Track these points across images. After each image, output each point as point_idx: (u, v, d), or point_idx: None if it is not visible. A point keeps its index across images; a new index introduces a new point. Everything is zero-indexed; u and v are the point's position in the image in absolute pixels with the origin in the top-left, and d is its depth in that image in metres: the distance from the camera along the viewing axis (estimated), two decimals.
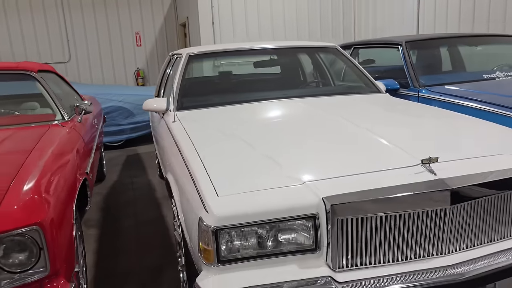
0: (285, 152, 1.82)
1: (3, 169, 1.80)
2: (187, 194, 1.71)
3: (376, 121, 2.23)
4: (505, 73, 3.68)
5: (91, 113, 3.31)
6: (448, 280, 1.46)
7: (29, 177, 1.70)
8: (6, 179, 1.67)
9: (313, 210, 1.46)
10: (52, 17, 8.53)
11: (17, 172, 1.74)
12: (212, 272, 1.47)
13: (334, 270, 1.47)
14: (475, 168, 1.60)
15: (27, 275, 1.44)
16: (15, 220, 1.40)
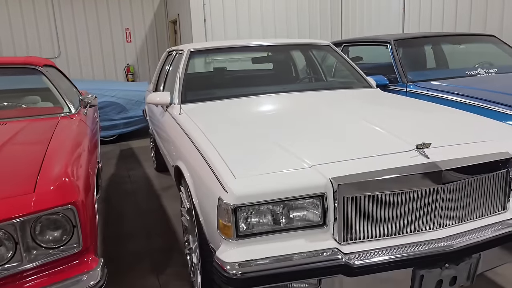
0: (291, 139, 1.99)
1: (29, 156, 1.92)
2: (203, 179, 1.86)
3: (371, 112, 2.42)
4: (485, 70, 3.93)
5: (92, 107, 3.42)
6: (439, 250, 1.65)
7: (56, 164, 1.83)
8: (34, 165, 1.80)
9: (322, 189, 1.63)
10: (42, 12, 8.51)
11: (42, 159, 1.87)
12: (231, 246, 1.63)
13: (340, 243, 1.65)
14: (463, 153, 1.79)
15: (61, 250, 1.58)
16: (52, 200, 1.54)
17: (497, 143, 1.93)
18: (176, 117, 2.73)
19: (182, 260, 2.82)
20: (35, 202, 1.50)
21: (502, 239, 1.76)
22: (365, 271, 1.59)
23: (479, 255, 1.73)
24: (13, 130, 2.37)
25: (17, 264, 1.48)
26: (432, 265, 1.67)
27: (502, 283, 2.39)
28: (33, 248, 1.52)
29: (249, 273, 1.54)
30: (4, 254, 1.46)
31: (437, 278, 1.69)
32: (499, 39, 4.41)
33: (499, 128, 2.17)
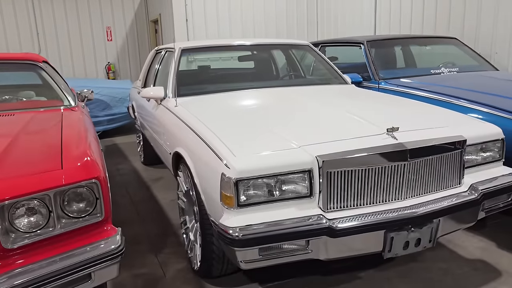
0: (280, 126, 2.29)
1: (47, 140, 2.15)
2: (205, 159, 2.14)
3: (348, 104, 2.75)
4: (448, 69, 4.34)
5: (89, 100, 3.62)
6: (405, 216, 1.99)
7: (75, 146, 2.06)
8: (55, 147, 2.03)
9: (308, 166, 1.93)
10: (22, 9, 8.53)
11: (60, 142, 2.10)
12: (232, 214, 1.91)
13: (324, 211, 1.96)
14: (425, 136, 2.14)
15: (85, 220, 1.82)
16: (79, 175, 1.77)
17: (453, 129, 2.29)
18: (172, 109, 2.98)
19: (177, 241, 3.08)
20: (66, 176, 1.74)
21: (456, 207, 2.11)
22: (345, 233, 1.90)
23: (438, 220, 2.08)
24: (24, 120, 2.58)
25: (50, 230, 1.72)
26: (400, 229, 2.00)
27: (463, 253, 2.76)
28: (62, 217, 1.76)
29: (248, 235, 1.83)
30: (40, 220, 1.70)
31: (404, 239, 2.02)
32: (460, 42, 4.84)
33: (455, 117, 2.54)
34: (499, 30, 5.21)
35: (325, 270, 2.60)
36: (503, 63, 5.14)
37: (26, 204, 1.67)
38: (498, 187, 2.27)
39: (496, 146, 2.41)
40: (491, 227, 3.09)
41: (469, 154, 2.32)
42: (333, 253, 1.95)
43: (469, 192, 2.20)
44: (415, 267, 2.61)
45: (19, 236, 1.66)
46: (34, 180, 1.68)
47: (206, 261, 2.35)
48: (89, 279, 1.75)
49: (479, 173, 2.35)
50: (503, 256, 2.70)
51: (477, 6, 5.44)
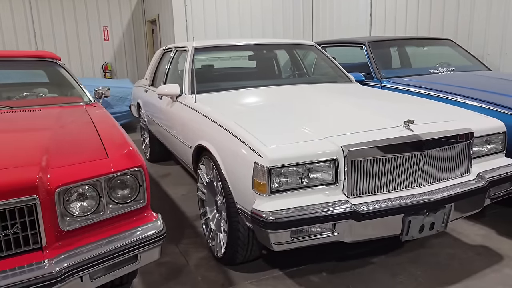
0: (301, 119, 2.45)
1: (84, 133, 2.27)
2: (235, 150, 2.28)
3: (360, 100, 2.92)
4: (445, 69, 4.56)
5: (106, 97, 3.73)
6: (422, 201, 2.16)
7: (113, 137, 2.19)
8: (94, 139, 2.15)
9: (334, 155, 2.09)
10: (19, 8, 8.52)
11: (98, 135, 2.22)
12: (265, 200, 2.06)
13: (349, 197, 2.12)
14: (437, 128, 2.32)
15: (130, 205, 1.94)
16: (125, 163, 1.89)
17: (462, 122, 2.48)
18: (191, 105, 3.11)
19: (194, 232, 3.21)
20: (113, 164, 1.87)
21: (466, 194, 2.30)
22: (368, 216, 2.06)
23: (450, 206, 2.26)
24: (53, 115, 2.68)
25: (101, 214, 1.84)
26: (416, 213, 2.17)
27: (466, 240, 2.95)
28: (109, 203, 1.88)
29: (280, 219, 1.98)
30: (91, 205, 1.82)
31: (420, 223, 2.19)
32: (455, 43, 5.08)
33: (460, 112, 2.74)
34: (490, 32, 5.47)
35: (340, 257, 2.76)
36: (495, 63, 5.40)
37: (78, 190, 1.79)
38: (502, 176, 2.47)
39: (499, 138, 2.61)
40: (490, 217, 3.30)
41: (475, 146, 2.51)
42: (357, 236, 2.11)
43: (476, 180, 2.39)
44: (424, 253, 2.79)
45: (73, 219, 1.78)
46: (87, 168, 1.81)
47: (231, 248, 2.49)
48: (136, 260, 1.88)
49: (484, 163, 2.55)
50: (503, 242, 2.90)
51: (469, 9, 5.69)
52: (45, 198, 1.68)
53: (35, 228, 1.70)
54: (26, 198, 1.65)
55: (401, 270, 2.58)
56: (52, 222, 1.71)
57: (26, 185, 1.65)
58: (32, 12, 8.71)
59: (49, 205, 1.70)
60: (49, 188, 1.69)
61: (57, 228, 1.72)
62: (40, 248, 1.71)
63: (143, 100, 4.90)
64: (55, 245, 1.72)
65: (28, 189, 1.65)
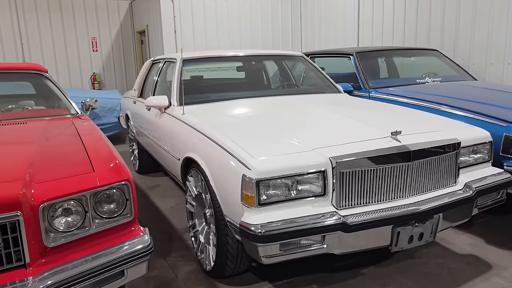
0: (289, 130, 2.45)
1: (69, 146, 2.24)
2: (223, 162, 2.27)
3: (348, 110, 2.93)
4: (432, 79, 4.61)
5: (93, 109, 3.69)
6: (411, 212, 2.17)
7: (99, 151, 2.16)
8: (80, 152, 2.12)
9: (323, 167, 2.09)
10: (5, 20, 8.45)
11: (84, 148, 2.19)
12: (253, 212, 2.04)
13: (338, 208, 2.12)
14: (424, 138, 2.34)
15: (116, 220, 1.91)
16: (112, 177, 1.87)
17: (448, 132, 2.50)
18: (179, 117, 3.10)
19: (184, 245, 3.17)
20: (99, 179, 1.84)
21: (454, 204, 2.31)
22: (357, 228, 2.06)
23: (439, 216, 2.26)
24: (38, 128, 2.65)
25: (86, 229, 1.81)
26: (405, 224, 2.18)
27: (455, 250, 2.96)
28: (95, 218, 1.85)
29: (269, 231, 1.96)
30: (76, 220, 1.79)
31: (409, 234, 2.19)
32: (441, 53, 5.15)
33: (447, 122, 2.76)
34: (475, 43, 5.56)
35: (330, 268, 2.75)
36: (480, 73, 5.48)
37: (63, 205, 1.76)
38: (489, 185, 2.49)
39: (486, 148, 2.64)
40: (478, 225, 3.32)
41: (462, 156, 2.53)
42: (346, 248, 2.10)
43: (464, 190, 2.41)
44: (413, 263, 2.79)
45: (57, 235, 1.74)
46: (72, 182, 1.78)
47: (220, 261, 2.46)
48: (123, 276, 1.85)
49: (471, 173, 2.57)
50: (492, 251, 2.91)
51: (455, 20, 5.79)
52: (29, 214, 1.65)
53: (18, 245, 1.66)
54: (9, 215, 1.61)
55: (391, 281, 2.58)
56: (36, 239, 1.68)
57: (9, 201, 1.61)
58: (19, 23, 8.65)
59: (33, 221, 1.66)
60: (33, 204, 1.66)
61: (41, 244, 1.69)
62: (23, 266, 1.67)
63: (131, 111, 4.87)
64: (39, 262, 1.69)
65: (11, 205, 1.61)
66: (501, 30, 5.25)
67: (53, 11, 8.91)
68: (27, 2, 8.71)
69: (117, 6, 9.44)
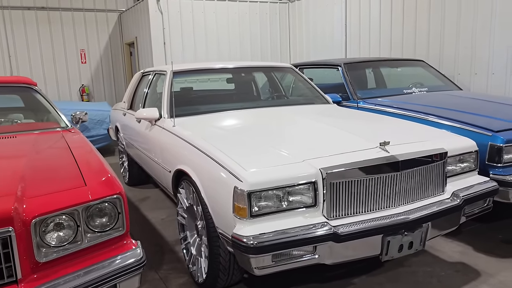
0: (279, 142, 2.48)
1: (60, 160, 2.24)
2: (215, 174, 2.28)
3: (337, 121, 2.98)
4: (419, 89, 4.69)
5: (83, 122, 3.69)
6: (400, 221, 2.20)
7: (91, 164, 2.16)
8: (71, 166, 2.12)
9: (313, 178, 2.12)
10: None
11: (75, 161, 2.20)
12: (245, 224, 2.06)
13: (328, 219, 2.14)
14: (412, 149, 2.38)
15: (108, 234, 1.91)
16: (104, 191, 1.87)
17: (435, 142, 2.55)
18: (170, 129, 3.11)
19: (175, 257, 3.16)
20: (91, 193, 1.84)
21: (442, 213, 2.35)
22: (348, 238, 2.08)
23: (427, 224, 2.30)
24: (28, 142, 2.64)
25: (78, 244, 1.80)
26: (395, 233, 2.21)
27: (444, 257, 3.00)
28: (87, 232, 1.85)
29: (262, 243, 1.98)
30: (68, 235, 1.78)
31: (399, 243, 2.22)
32: (427, 64, 5.25)
33: (434, 132, 2.82)
34: (460, 53, 5.68)
35: (322, 278, 2.76)
36: (465, 83, 5.60)
37: (55, 219, 1.76)
38: (476, 193, 2.54)
39: (472, 157, 2.69)
40: (466, 233, 3.37)
41: (449, 165, 2.58)
42: (338, 258, 2.13)
43: (451, 198, 2.45)
44: (403, 271, 2.82)
45: (49, 250, 1.74)
46: (64, 197, 1.78)
47: (213, 273, 2.46)
48: None
49: (459, 182, 2.62)
50: (480, 258, 2.96)
51: (439, 32, 5.92)
52: (21, 230, 1.64)
53: (10, 260, 1.65)
54: (0, 230, 1.61)
55: None
56: (28, 254, 1.67)
57: (1, 216, 1.61)
58: (7, 36, 8.61)
59: (25, 237, 1.66)
60: (24, 219, 1.66)
61: (33, 259, 1.68)
62: (15, 282, 1.67)
63: (121, 123, 4.87)
64: (31, 278, 1.68)
65: (3, 220, 1.61)
66: (484, 41, 5.38)
67: (41, 23, 8.88)
68: (15, 14, 8.69)
69: (106, 18, 9.46)
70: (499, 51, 5.24)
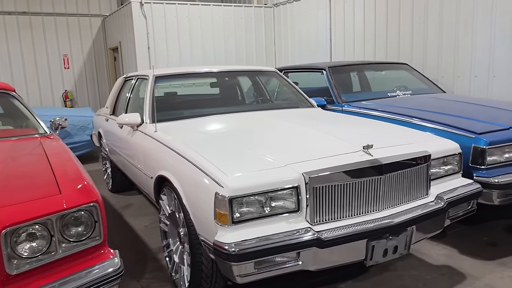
0: (262, 146, 2.44)
1: (36, 167, 2.16)
2: (196, 180, 2.23)
3: (320, 125, 2.95)
4: (403, 92, 4.71)
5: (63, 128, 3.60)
6: (384, 225, 2.17)
7: (67, 172, 2.09)
8: (47, 173, 2.05)
9: (296, 182, 2.08)
10: None
11: (51, 169, 2.12)
12: (227, 230, 2.01)
13: (312, 224, 2.11)
14: (396, 152, 2.36)
15: (85, 243, 1.84)
16: (79, 199, 1.81)
17: (419, 145, 2.54)
18: (151, 135, 3.05)
19: (157, 266, 3.09)
20: (66, 201, 1.78)
21: (427, 216, 2.33)
22: (332, 243, 2.05)
23: (412, 228, 2.28)
24: (5, 148, 2.55)
25: (52, 254, 1.73)
26: (379, 237, 2.18)
27: (430, 261, 2.99)
28: (62, 242, 1.78)
29: (244, 250, 1.93)
30: (42, 245, 1.71)
31: (383, 247, 2.20)
32: (410, 67, 5.28)
33: (418, 135, 2.81)
34: (443, 57, 5.73)
35: (306, 285, 2.72)
36: (448, 85, 5.64)
37: (28, 229, 1.69)
38: (460, 196, 2.53)
39: (455, 159, 2.69)
40: (452, 236, 3.36)
41: (433, 168, 2.57)
42: (322, 263, 2.09)
43: (436, 201, 2.44)
44: (389, 276, 2.80)
45: (21, 261, 1.66)
46: (36, 206, 1.71)
47: (195, 281, 2.40)
48: None
49: (443, 185, 2.61)
50: (465, 261, 2.95)
51: (423, 35, 5.97)
52: None
53: None
54: None
55: None
56: None
57: None
58: None
59: None
60: None
61: (3, 272, 1.61)
62: None
63: (104, 129, 4.78)
64: None
65: None
66: (466, 45, 5.44)
67: (22, 28, 8.74)
68: None
69: (90, 23, 9.35)
70: (481, 54, 5.30)
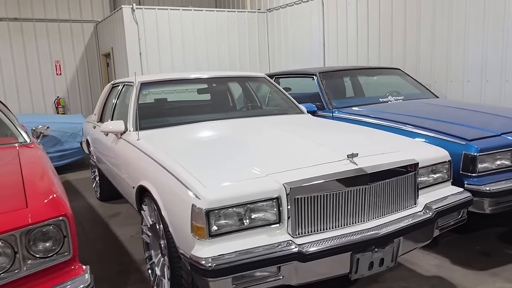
0: (244, 155, 2.36)
1: (6, 179, 2.08)
2: (174, 191, 2.15)
3: (307, 132, 2.87)
4: (395, 98, 4.64)
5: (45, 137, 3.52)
6: (369, 237, 2.09)
7: (38, 184, 2.01)
8: (17, 186, 1.96)
9: (276, 193, 2.00)
10: None
11: (22, 181, 2.04)
12: (204, 244, 1.92)
13: (293, 236, 2.02)
14: (382, 160, 2.28)
15: (53, 259, 1.75)
16: (46, 213, 1.72)
17: (406, 153, 2.46)
18: (134, 143, 2.97)
19: (141, 278, 3.00)
20: (32, 215, 1.69)
21: (414, 226, 2.25)
22: (314, 257, 1.96)
23: (399, 239, 2.20)
24: None
25: (16, 272, 1.65)
26: (364, 250, 2.09)
27: (420, 271, 2.90)
28: (27, 258, 1.69)
29: (221, 265, 1.84)
30: (4, 263, 1.63)
31: (369, 260, 2.11)
32: (403, 72, 5.22)
33: (406, 142, 2.73)
34: (436, 62, 5.68)
35: None
36: (441, 90, 5.58)
37: None
38: (450, 205, 2.45)
39: (445, 167, 2.61)
40: (443, 245, 3.28)
41: (421, 176, 2.49)
42: (304, 278, 2.00)
43: (424, 211, 2.35)
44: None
45: None
46: None
47: None
48: None
49: (431, 193, 2.52)
50: (457, 271, 2.87)
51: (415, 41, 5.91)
52: None
53: None
54: None
55: None
56: None
57: None
58: None
59: None
60: None
61: None
62: None
63: (92, 136, 4.70)
64: None
65: None
66: (459, 50, 5.38)
67: (14, 34, 8.67)
68: None
69: (82, 29, 9.28)
70: (474, 59, 5.24)
